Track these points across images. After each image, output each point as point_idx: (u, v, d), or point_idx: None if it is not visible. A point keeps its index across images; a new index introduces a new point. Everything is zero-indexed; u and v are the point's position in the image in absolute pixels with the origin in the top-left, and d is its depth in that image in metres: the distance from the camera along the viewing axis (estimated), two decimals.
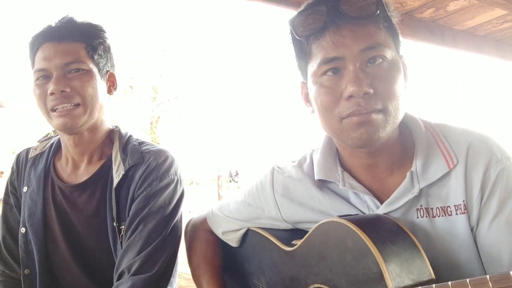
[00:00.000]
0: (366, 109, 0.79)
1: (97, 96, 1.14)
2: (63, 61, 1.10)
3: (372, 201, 0.90)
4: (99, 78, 1.16)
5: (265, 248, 1.07)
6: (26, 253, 1.19)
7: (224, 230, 1.18)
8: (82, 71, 1.12)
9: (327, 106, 0.84)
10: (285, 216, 1.04)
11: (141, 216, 1.10)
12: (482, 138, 0.87)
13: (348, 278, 0.77)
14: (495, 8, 2.28)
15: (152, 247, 1.07)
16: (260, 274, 1.10)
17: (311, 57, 0.86)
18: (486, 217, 0.83)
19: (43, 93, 1.10)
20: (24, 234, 1.19)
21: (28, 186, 1.23)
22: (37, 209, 1.19)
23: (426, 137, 0.90)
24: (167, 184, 1.15)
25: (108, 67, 1.22)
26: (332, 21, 0.81)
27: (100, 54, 1.18)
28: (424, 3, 2.20)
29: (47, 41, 1.11)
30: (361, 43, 0.80)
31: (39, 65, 1.10)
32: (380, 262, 0.70)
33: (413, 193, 0.85)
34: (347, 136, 0.83)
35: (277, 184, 1.05)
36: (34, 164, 1.26)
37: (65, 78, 1.09)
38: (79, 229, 1.17)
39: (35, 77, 1.12)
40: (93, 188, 1.17)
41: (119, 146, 1.21)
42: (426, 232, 0.85)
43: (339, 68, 0.82)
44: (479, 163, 0.84)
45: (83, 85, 1.11)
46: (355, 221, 0.78)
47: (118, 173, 1.15)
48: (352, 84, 0.79)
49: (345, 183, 0.91)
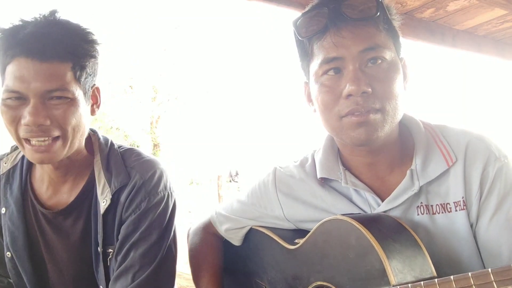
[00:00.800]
0: (365, 108, 0.81)
1: (80, 125, 0.97)
2: (45, 87, 0.90)
3: (373, 199, 0.91)
4: (84, 103, 0.99)
5: (268, 247, 1.08)
6: (17, 276, 1.11)
7: (227, 228, 1.18)
8: (65, 99, 0.93)
9: (327, 105, 0.86)
10: (287, 215, 1.05)
11: (131, 241, 1.01)
12: (480, 137, 0.89)
13: (351, 275, 0.78)
14: (495, 8, 2.29)
15: (147, 274, 0.99)
16: (263, 273, 1.11)
17: (313, 57, 0.89)
18: (486, 214, 0.85)
19: (15, 118, 0.92)
20: (10, 258, 1.10)
21: (6, 208, 1.09)
22: (20, 233, 1.08)
23: (426, 137, 0.92)
24: (157, 203, 1.04)
25: (93, 81, 1.03)
26: (333, 23, 0.83)
27: (88, 72, 0.98)
28: (424, 3, 2.20)
29: (25, 56, 0.89)
30: (360, 44, 0.82)
31: (12, 84, 0.90)
32: (383, 258, 0.71)
33: (413, 190, 0.87)
34: (346, 135, 0.85)
35: (280, 183, 1.06)
36: (8, 181, 1.11)
37: (44, 107, 0.91)
38: (65, 255, 1.08)
39: (4, 95, 0.92)
40: (78, 212, 1.07)
41: (102, 160, 1.08)
42: (426, 228, 0.87)
43: (340, 68, 0.84)
44: (477, 161, 0.86)
45: (66, 116, 0.93)
46: (358, 219, 0.79)
47: (104, 196, 1.03)
48: (351, 83, 0.81)
49: (347, 181, 0.93)
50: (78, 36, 0.97)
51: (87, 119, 1.01)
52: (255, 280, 1.15)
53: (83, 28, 0.99)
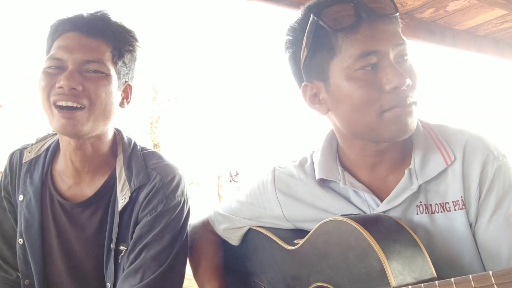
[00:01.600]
0: (409, 100, 0.82)
1: (108, 104, 1.02)
2: (85, 56, 0.98)
3: (372, 199, 0.91)
4: (116, 87, 1.04)
5: (267, 247, 1.08)
6: (25, 264, 1.13)
7: (225, 227, 1.18)
8: (100, 74, 1.00)
9: (367, 100, 0.83)
10: (287, 214, 1.04)
11: (144, 242, 1.03)
12: (479, 136, 0.89)
13: (351, 276, 0.78)
14: (495, 8, 2.29)
15: (155, 276, 1.00)
16: (262, 273, 1.11)
17: (340, 52, 0.83)
18: (485, 213, 0.85)
19: (49, 84, 0.98)
20: (22, 245, 1.12)
21: (24, 195, 1.13)
22: (35, 221, 1.11)
23: (424, 136, 0.92)
24: (173, 207, 1.06)
25: (128, 77, 1.11)
26: (364, 17, 0.82)
27: (125, 62, 1.06)
28: (424, 3, 2.20)
29: (73, 30, 1.00)
30: (394, 39, 0.83)
31: (56, 53, 0.98)
32: (383, 260, 0.71)
33: (412, 190, 0.87)
34: (385, 129, 0.84)
35: (279, 183, 1.06)
36: (30, 170, 1.15)
37: (81, 75, 0.97)
38: (77, 247, 1.10)
39: (46, 64, 0.99)
40: (96, 206, 1.09)
41: (124, 159, 1.11)
42: (426, 228, 0.87)
43: (376, 62, 0.82)
44: (476, 160, 0.86)
45: (98, 88, 0.99)
46: (358, 220, 0.79)
47: (123, 194, 1.06)
48: (396, 75, 0.80)
49: (345, 182, 0.93)
50: (123, 27, 1.08)
51: (115, 106, 1.06)
52: (254, 280, 1.14)
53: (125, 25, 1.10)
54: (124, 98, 1.12)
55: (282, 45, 0.95)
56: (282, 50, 0.96)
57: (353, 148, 0.94)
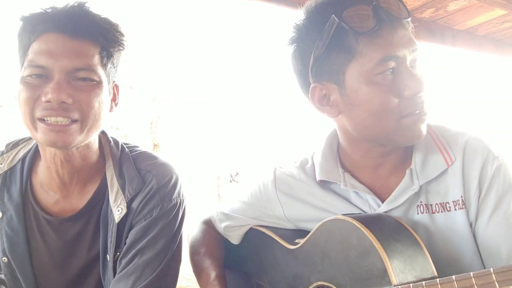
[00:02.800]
0: (425, 106, 0.83)
1: (100, 114, 0.93)
2: (72, 64, 0.86)
3: (374, 200, 0.92)
4: (107, 92, 0.95)
5: (268, 247, 1.08)
6: (13, 280, 1.04)
7: (226, 226, 1.18)
8: (91, 82, 0.89)
9: (386, 105, 0.82)
10: (288, 214, 1.05)
11: (138, 247, 0.98)
12: (478, 137, 0.90)
13: (352, 275, 0.78)
14: (495, 8, 2.29)
15: (148, 282, 0.96)
16: (263, 273, 1.11)
17: (360, 55, 0.81)
18: (485, 212, 0.85)
19: (33, 97, 0.86)
20: (7, 263, 1.02)
21: (3, 212, 1.01)
22: (20, 240, 1.01)
23: (425, 137, 0.92)
24: (168, 210, 1.01)
25: (115, 77, 1.01)
26: (386, 20, 0.81)
27: (113, 63, 0.96)
28: (424, 3, 2.21)
29: (55, 31, 0.86)
30: (411, 44, 0.83)
31: (38, 59, 0.85)
32: (384, 258, 0.71)
33: (413, 190, 0.87)
34: (401, 135, 0.84)
35: (280, 183, 1.06)
36: (5, 184, 1.02)
37: (69, 85, 0.86)
38: (73, 262, 1.04)
39: (26, 72, 0.87)
40: (87, 217, 1.01)
41: (114, 165, 1.02)
42: (426, 228, 0.87)
43: (395, 67, 0.82)
44: (476, 160, 0.86)
45: (90, 99, 0.89)
46: (360, 219, 0.79)
47: (119, 204, 0.98)
48: (415, 82, 0.81)
49: (346, 183, 0.94)
50: (110, 23, 0.95)
51: (106, 112, 0.96)
52: (255, 280, 1.15)
53: (112, 20, 0.97)
54: (112, 100, 1.01)
55: (285, 43, 0.94)
56: (285, 48, 0.95)
57: (359, 150, 0.94)
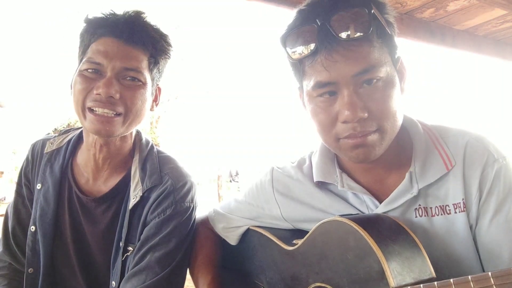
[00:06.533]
0: (362, 133, 0.81)
1: (142, 111, 1.07)
2: (123, 64, 1.00)
3: (371, 201, 0.91)
4: (150, 93, 1.09)
5: (266, 248, 1.07)
6: (32, 252, 1.14)
7: (224, 226, 1.18)
8: (137, 82, 1.04)
9: (324, 126, 0.86)
10: (285, 214, 1.04)
11: (151, 244, 1.05)
12: (479, 138, 0.89)
13: (350, 277, 0.78)
14: (495, 8, 2.29)
15: (158, 278, 1.02)
16: (261, 273, 1.10)
17: (305, 76, 0.86)
18: (486, 215, 0.84)
19: (87, 88, 1.00)
20: (33, 232, 1.14)
21: (42, 184, 1.16)
22: (50, 210, 1.13)
23: (425, 139, 0.91)
24: (181, 212, 1.09)
25: (159, 81, 1.15)
26: (323, 44, 0.79)
27: (159, 68, 1.11)
28: (424, 3, 2.20)
29: (112, 36, 1.01)
30: (353, 68, 0.79)
31: (95, 57, 1.00)
32: (382, 260, 0.71)
33: (412, 193, 0.87)
34: (344, 154, 0.86)
35: (277, 183, 1.06)
36: (50, 161, 1.18)
37: (118, 83, 1.00)
38: (90, 241, 1.13)
39: (83, 66, 1.01)
40: (110, 202, 1.13)
41: (139, 160, 1.14)
42: (424, 230, 0.86)
43: (334, 90, 0.82)
44: (476, 162, 0.85)
45: (134, 97, 1.03)
46: (357, 220, 0.79)
47: (136, 193, 1.09)
48: (347, 109, 0.79)
49: (343, 184, 0.93)
50: (160, 35, 1.09)
51: (148, 110, 1.10)
52: (253, 281, 1.14)
53: (164, 31, 1.11)
54: (153, 101, 1.15)
55: None
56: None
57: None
